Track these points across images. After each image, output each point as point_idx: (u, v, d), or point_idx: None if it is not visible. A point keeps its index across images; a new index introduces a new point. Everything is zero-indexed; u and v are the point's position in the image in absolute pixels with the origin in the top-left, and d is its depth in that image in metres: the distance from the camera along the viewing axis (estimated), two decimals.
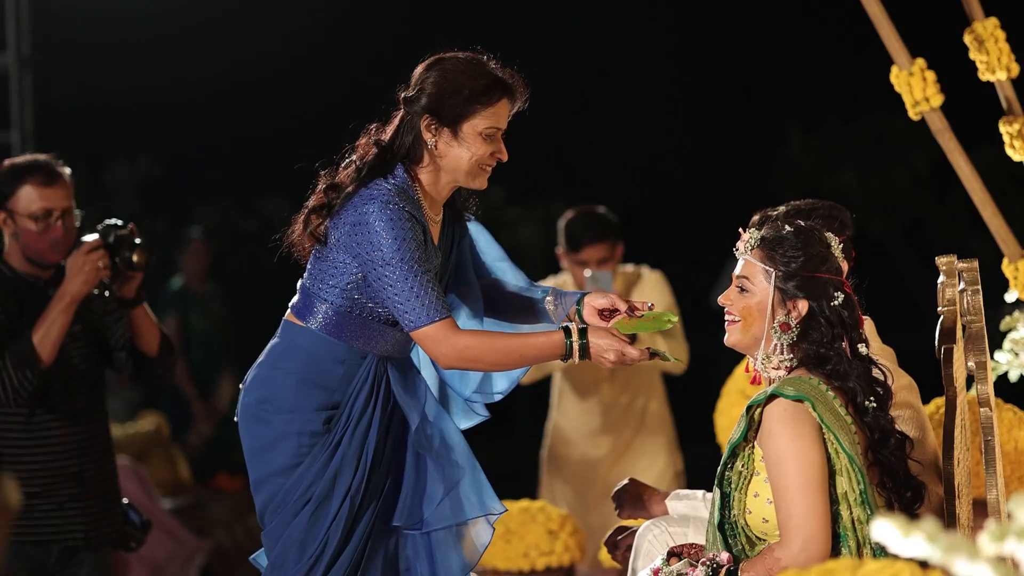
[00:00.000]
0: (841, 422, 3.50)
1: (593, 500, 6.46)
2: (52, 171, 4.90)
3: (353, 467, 3.90)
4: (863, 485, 3.48)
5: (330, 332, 3.90)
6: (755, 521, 3.56)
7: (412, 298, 3.76)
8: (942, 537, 2.02)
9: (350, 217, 3.81)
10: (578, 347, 3.77)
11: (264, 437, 3.92)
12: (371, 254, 3.77)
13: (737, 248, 3.73)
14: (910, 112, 5.04)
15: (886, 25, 4.98)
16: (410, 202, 3.82)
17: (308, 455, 3.89)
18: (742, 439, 3.56)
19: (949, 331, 3.96)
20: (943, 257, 4.02)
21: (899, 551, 2.06)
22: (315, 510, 3.88)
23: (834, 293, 3.62)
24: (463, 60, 3.93)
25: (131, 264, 4.87)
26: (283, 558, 3.90)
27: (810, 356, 3.61)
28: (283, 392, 3.90)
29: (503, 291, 4.14)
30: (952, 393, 3.89)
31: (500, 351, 3.80)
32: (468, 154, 3.88)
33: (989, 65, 5.05)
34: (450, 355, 3.79)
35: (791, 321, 3.61)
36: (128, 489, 6.70)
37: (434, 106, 3.87)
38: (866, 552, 3.49)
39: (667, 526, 4.05)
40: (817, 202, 4.25)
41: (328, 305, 3.89)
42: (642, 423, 6.52)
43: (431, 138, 3.88)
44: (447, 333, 3.78)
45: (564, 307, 4.00)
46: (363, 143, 3.94)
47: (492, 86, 3.89)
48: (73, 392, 4.95)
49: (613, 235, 6.31)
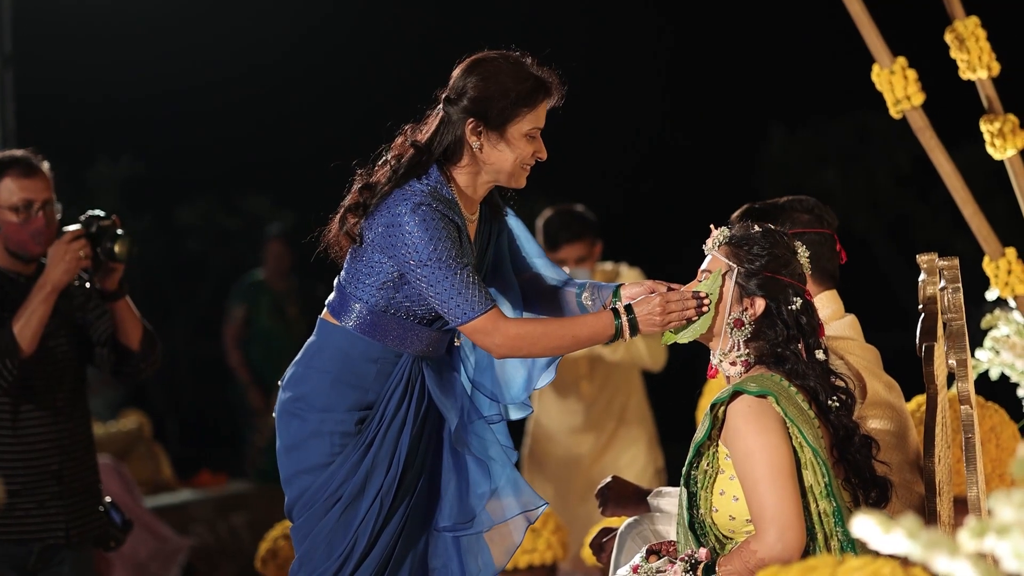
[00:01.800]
0: (805, 416, 3.52)
1: (575, 498, 6.47)
2: (31, 164, 4.93)
3: (385, 467, 3.91)
4: (828, 478, 3.49)
5: (365, 331, 3.90)
6: (722, 519, 3.57)
7: (455, 295, 3.75)
8: (922, 533, 2.02)
9: (383, 219, 3.80)
10: (628, 322, 3.77)
11: (298, 434, 3.93)
12: (407, 256, 3.77)
13: (706, 244, 3.76)
14: (891, 110, 5.05)
15: (867, 24, 4.99)
16: (444, 202, 3.81)
17: (340, 454, 3.90)
18: (706, 438, 3.57)
19: (929, 329, 3.97)
20: (924, 255, 4.03)
21: (876, 546, 2.06)
22: (345, 509, 3.89)
23: (792, 297, 3.64)
24: (505, 62, 3.89)
25: (113, 255, 4.87)
26: (311, 555, 3.92)
27: (766, 354, 3.63)
28: (317, 391, 3.91)
29: (541, 286, 4.13)
30: (933, 391, 3.90)
31: (554, 334, 3.79)
32: (513, 156, 3.87)
33: (970, 64, 5.07)
34: (503, 344, 3.78)
35: (745, 318, 3.64)
36: (110, 487, 6.69)
37: (481, 110, 3.84)
38: (833, 544, 3.51)
39: (649, 524, 4.06)
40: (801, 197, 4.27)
41: (363, 304, 3.89)
42: (622, 420, 6.53)
43: (476, 141, 3.86)
44: (496, 323, 3.77)
45: (600, 300, 4.01)
46: (399, 143, 3.92)
47: (536, 89, 3.87)
48: (55, 389, 4.94)
49: (591, 233, 6.32)
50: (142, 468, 8.36)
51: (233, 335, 9.81)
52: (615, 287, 3.99)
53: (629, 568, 3.71)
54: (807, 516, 3.49)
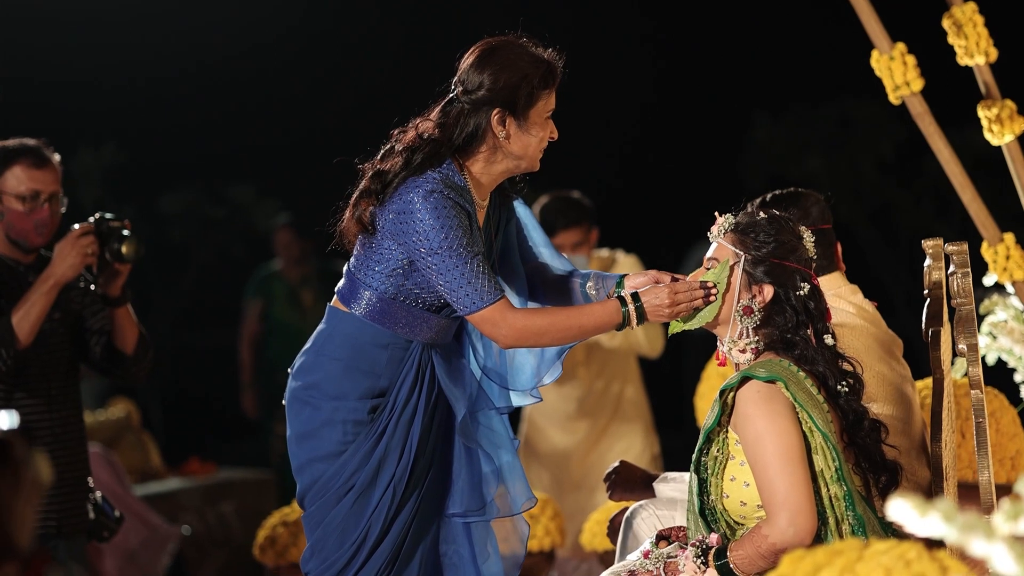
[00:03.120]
0: (814, 401, 3.53)
1: (569, 485, 6.47)
2: (42, 155, 4.92)
3: (397, 456, 3.92)
4: (838, 462, 3.50)
5: (374, 318, 3.91)
6: (732, 505, 3.58)
7: (464, 284, 3.76)
8: (958, 517, 2.03)
9: (395, 206, 3.80)
10: (635, 310, 3.79)
11: (310, 422, 3.93)
12: (418, 243, 3.77)
13: (711, 232, 3.76)
14: (891, 96, 5.06)
15: (867, 10, 4.99)
16: (456, 190, 3.81)
17: (353, 443, 3.90)
18: (716, 424, 3.58)
19: (936, 314, 3.98)
20: (929, 240, 4.04)
21: (913, 529, 2.07)
22: (358, 497, 3.90)
23: (800, 283, 3.66)
24: (517, 48, 3.89)
25: (120, 255, 4.88)
26: (323, 543, 3.93)
27: (776, 340, 3.65)
28: (329, 378, 3.91)
29: (547, 275, 4.14)
30: (940, 375, 3.91)
31: (560, 325, 3.80)
32: (536, 139, 3.88)
33: (968, 50, 5.07)
34: (510, 335, 3.79)
35: (754, 305, 3.65)
36: (100, 476, 6.68)
37: (507, 99, 3.84)
38: (844, 528, 3.52)
39: (655, 509, 4.07)
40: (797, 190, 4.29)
41: (372, 291, 3.89)
42: (618, 408, 6.53)
43: (502, 131, 3.86)
44: (504, 313, 3.78)
45: (604, 289, 4.02)
46: (410, 136, 3.90)
47: (551, 70, 3.89)
48: (49, 376, 4.94)
49: (587, 219, 6.32)
50: (131, 456, 8.34)
51: (248, 333, 9.63)
52: (619, 277, 3.99)
53: (640, 553, 3.72)
54: (818, 501, 3.50)
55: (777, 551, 3.45)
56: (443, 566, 4.04)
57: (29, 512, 1.94)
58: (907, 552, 2.45)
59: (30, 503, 1.94)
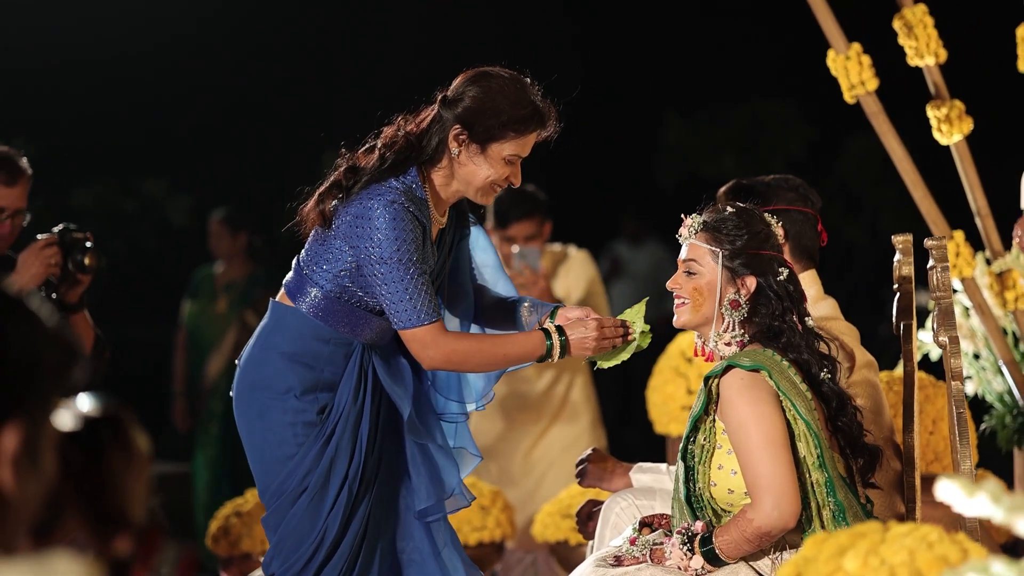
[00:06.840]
0: (797, 390, 3.61)
1: (516, 477, 6.50)
2: (14, 172, 4.81)
3: (348, 456, 3.93)
4: (820, 449, 3.58)
5: (317, 315, 3.92)
6: (720, 493, 3.64)
7: (405, 298, 3.79)
8: (1005, 497, 2.09)
9: (354, 209, 3.82)
10: (558, 343, 3.86)
11: (259, 426, 3.94)
12: (369, 249, 3.79)
13: (680, 234, 3.82)
14: (846, 95, 5.16)
15: (823, 9, 5.09)
16: (415, 202, 3.84)
17: (303, 444, 3.91)
18: (702, 412, 3.64)
19: (906, 308, 4.07)
20: (899, 235, 4.13)
21: (962, 508, 2.13)
22: (312, 499, 3.91)
23: (779, 269, 3.73)
24: (509, 82, 3.92)
25: (82, 266, 4.87)
26: (283, 544, 3.94)
27: (762, 331, 3.71)
28: (272, 371, 3.92)
29: (487, 296, 4.18)
30: (911, 368, 4.00)
31: (486, 353, 3.88)
32: (485, 173, 3.90)
33: (918, 50, 5.19)
34: (436, 358, 3.85)
35: (741, 299, 3.72)
36: None
37: (469, 120, 3.87)
38: (826, 514, 3.59)
39: (634, 498, 4.11)
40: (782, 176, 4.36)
41: (318, 289, 3.90)
42: (565, 401, 6.56)
43: (456, 147, 3.88)
44: (435, 337, 3.82)
45: (537, 316, 4.05)
46: (390, 132, 3.92)
47: (531, 118, 3.91)
48: None
49: (541, 212, 6.35)
50: None
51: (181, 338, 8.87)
52: (554, 308, 4.04)
53: (624, 539, 3.76)
54: (801, 486, 3.57)
55: (762, 535, 3.53)
56: (402, 563, 4.06)
57: (141, 486, 1.96)
58: (929, 534, 2.52)
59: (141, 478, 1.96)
